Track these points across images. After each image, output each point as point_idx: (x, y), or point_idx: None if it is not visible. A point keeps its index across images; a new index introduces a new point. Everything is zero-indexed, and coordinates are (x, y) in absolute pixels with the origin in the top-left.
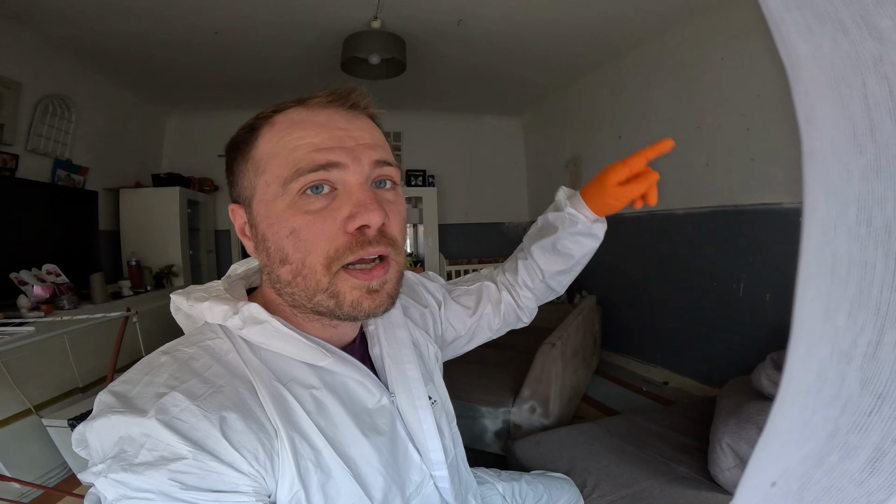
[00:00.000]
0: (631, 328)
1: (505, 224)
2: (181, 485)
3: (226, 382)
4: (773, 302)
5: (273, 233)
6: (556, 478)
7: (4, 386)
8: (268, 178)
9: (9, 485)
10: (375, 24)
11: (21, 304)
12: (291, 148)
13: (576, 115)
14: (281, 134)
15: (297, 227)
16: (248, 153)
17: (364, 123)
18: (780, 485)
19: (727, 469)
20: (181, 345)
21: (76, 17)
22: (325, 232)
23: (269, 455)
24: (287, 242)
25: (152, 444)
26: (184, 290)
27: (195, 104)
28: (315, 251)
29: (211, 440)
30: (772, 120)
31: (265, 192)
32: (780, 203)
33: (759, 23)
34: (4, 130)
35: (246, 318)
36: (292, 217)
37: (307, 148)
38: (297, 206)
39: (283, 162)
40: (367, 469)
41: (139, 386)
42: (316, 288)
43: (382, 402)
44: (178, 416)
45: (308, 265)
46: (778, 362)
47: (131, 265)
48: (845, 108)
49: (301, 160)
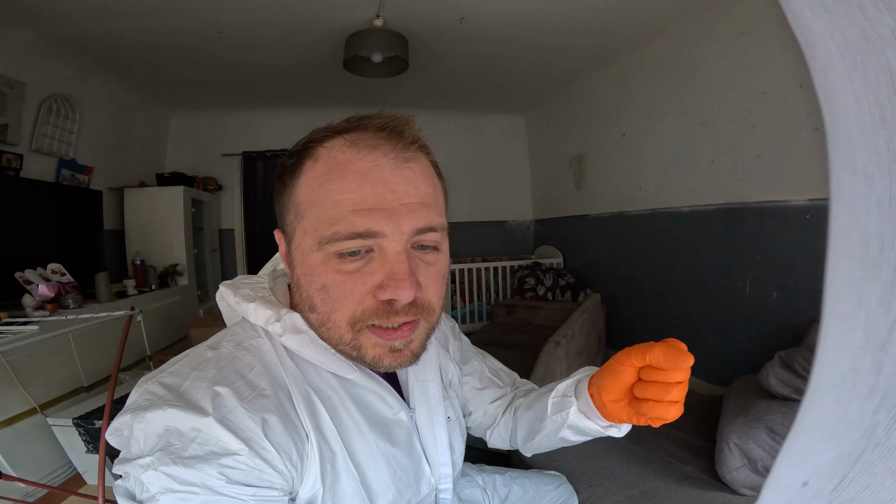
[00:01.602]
0: (636, 326)
1: (509, 222)
2: (227, 479)
3: (267, 385)
4: (781, 300)
5: (306, 283)
6: (546, 473)
7: (9, 385)
8: (306, 226)
9: (13, 484)
10: (378, 23)
11: (26, 303)
12: (331, 203)
13: (579, 112)
14: (321, 179)
15: (328, 285)
16: (291, 190)
17: (412, 169)
18: (812, 484)
19: (735, 468)
20: (226, 341)
21: (80, 16)
22: (355, 294)
23: (301, 456)
24: (317, 295)
25: (203, 440)
26: (231, 282)
27: (198, 103)
28: (341, 309)
29: (256, 439)
30: (778, 117)
31: (303, 240)
32: (786, 200)
33: (765, 19)
34: (9, 130)
35: (287, 327)
36: (324, 274)
37: (347, 206)
38: (330, 265)
39: (321, 216)
40: (375, 477)
41: (188, 380)
42: (339, 340)
43: (400, 416)
44: (228, 415)
45: (333, 320)
46: (786, 361)
47: (136, 264)
48: (868, 83)
49: (339, 222)
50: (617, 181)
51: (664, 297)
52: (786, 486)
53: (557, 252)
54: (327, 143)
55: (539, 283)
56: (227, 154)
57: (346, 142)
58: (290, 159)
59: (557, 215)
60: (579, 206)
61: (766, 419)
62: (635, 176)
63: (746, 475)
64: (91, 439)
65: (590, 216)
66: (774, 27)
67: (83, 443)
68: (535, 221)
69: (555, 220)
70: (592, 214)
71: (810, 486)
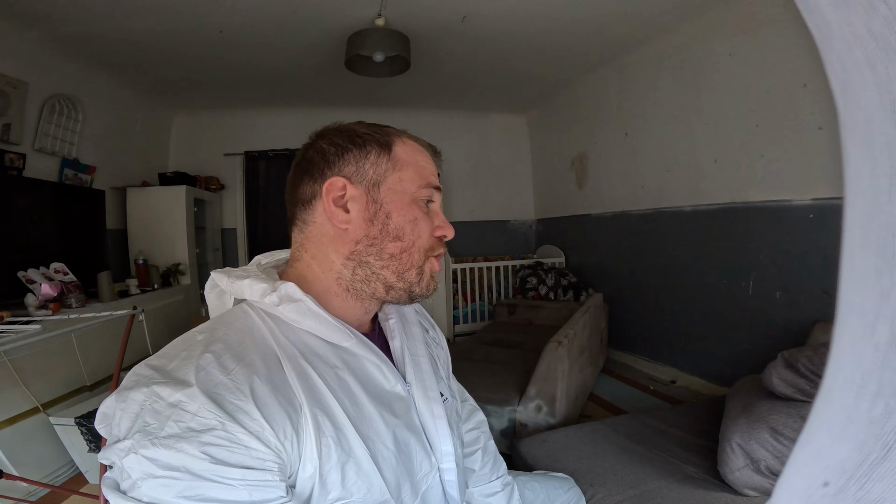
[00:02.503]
0: (638, 326)
1: (510, 222)
2: (211, 458)
3: (256, 357)
4: (784, 300)
5: (399, 215)
6: (557, 477)
7: (12, 384)
8: (402, 176)
9: (15, 483)
10: (379, 22)
11: (29, 302)
12: (421, 166)
13: (582, 111)
14: (412, 152)
15: (418, 218)
16: (385, 150)
17: (439, 167)
18: (834, 484)
19: (737, 469)
20: (215, 324)
21: (82, 16)
22: (427, 229)
23: (296, 429)
24: (408, 226)
25: (179, 416)
26: (222, 269)
27: (201, 103)
28: (422, 237)
29: (243, 411)
30: (781, 116)
31: (397, 184)
32: (790, 200)
33: (768, 18)
34: (11, 130)
35: (282, 296)
36: (416, 210)
37: (429, 171)
38: (418, 205)
39: (416, 173)
40: (382, 450)
41: (176, 360)
42: (411, 263)
43: (397, 388)
44: (213, 388)
45: (416, 246)
46: (790, 361)
47: (138, 264)
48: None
49: (428, 179)
50: (619, 180)
51: (667, 296)
52: (805, 486)
53: (559, 251)
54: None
55: (541, 283)
56: (229, 153)
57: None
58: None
59: (559, 214)
60: (581, 205)
61: (769, 419)
62: (638, 175)
63: (749, 476)
64: (93, 438)
65: (592, 216)
66: (778, 26)
67: (85, 442)
68: (537, 221)
69: (557, 219)
70: (595, 214)
71: (832, 486)
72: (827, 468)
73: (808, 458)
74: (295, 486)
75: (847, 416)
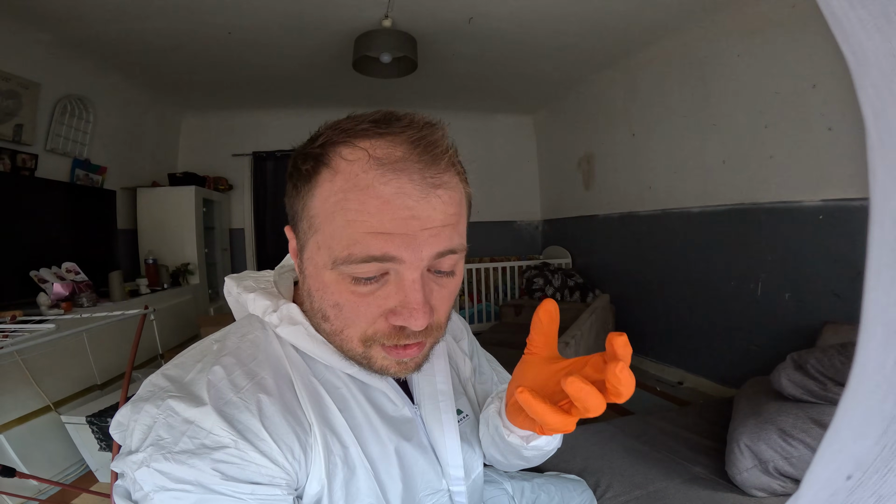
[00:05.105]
0: (645, 327)
1: (517, 222)
2: (222, 475)
3: (268, 375)
4: (793, 301)
5: (319, 297)
6: (569, 479)
7: (24, 383)
8: (319, 241)
9: (27, 481)
10: (386, 23)
11: (41, 301)
12: (348, 221)
13: (588, 112)
14: (339, 195)
15: (342, 303)
16: (305, 198)
17: (440, 197)
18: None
19: (745, 470)
20: (232, 334)
21: (93, 17)
22: (368, 316)
23: (304, 449)
24: (330, 311)
25: (194, 432)
26: (238, 275)
27: (209, 104)
28: (353, 326)
29: (252, 431)
30: (790, 117)
31: (315, 255)
32: (799, 201)
33: (777, 18)
34: (24, 130)
35: (283, 317)
36: (338, 293)
37: (364, 228)
38: (343, 284)
39: (337, 234)
40: (385, 470)
41: (192, 372)
42: (350, 350)
43: (404, 412)
44: (223, 407)
45: (346, 334)
46: (799, 362)
47: (148, 263)
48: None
49: (356, 243)
50: (626, 181)
51: (674, 297)
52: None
53: (566, 252)
54: (349, 153)
55: (547, 284)
56: (237, 154)
57: (371, 159)
58: (306, 164)
59: (566, 215)
60: (588, 206)
61: (777, 421)
62: (645, 176)
63: (757, 476)
64: (104, 437)
65: (599, 216)
66: (786, 27)
67: (96, 441)
68: (543, 221)
69: (563, 220)
70: (601, 215)
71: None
72: (850, 463)
73: (833, 453)
74: (301, 498)
75: (869, 416)
